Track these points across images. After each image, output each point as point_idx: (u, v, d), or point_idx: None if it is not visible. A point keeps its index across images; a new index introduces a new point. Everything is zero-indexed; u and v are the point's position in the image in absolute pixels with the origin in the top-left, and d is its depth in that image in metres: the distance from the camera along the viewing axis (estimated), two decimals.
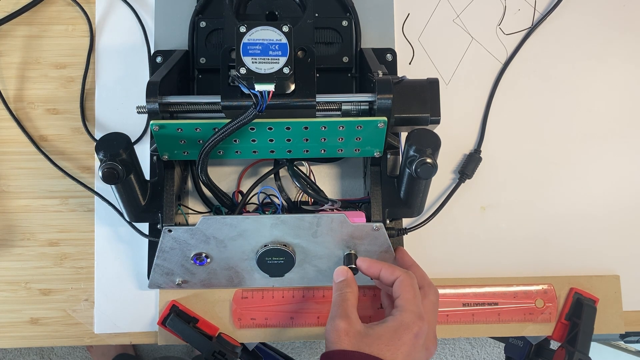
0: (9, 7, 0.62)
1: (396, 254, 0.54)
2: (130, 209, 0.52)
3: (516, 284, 0.59)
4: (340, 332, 0.45)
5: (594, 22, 0.63)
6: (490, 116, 0.62)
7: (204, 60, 0.56)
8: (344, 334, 0.45)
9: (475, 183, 0.61)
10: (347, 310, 0.47)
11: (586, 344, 0.56)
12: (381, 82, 0.48)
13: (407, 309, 0.46)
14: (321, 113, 0.50)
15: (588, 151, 0.62)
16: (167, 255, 0.52)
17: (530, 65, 0.63)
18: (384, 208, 0.53)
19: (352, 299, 0.48)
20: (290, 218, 0.50)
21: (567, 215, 0.61)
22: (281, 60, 0.45)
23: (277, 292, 0.58)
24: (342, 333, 0.45)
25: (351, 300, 0.48)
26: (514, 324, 0.59)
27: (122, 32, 0.62)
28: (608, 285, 0.60)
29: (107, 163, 0.46)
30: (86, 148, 0.61)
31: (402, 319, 0.45)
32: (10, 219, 0.60)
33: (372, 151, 0.51)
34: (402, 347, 0.44)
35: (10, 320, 0.59)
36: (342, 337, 0.45)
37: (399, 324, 0.45)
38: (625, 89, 0.63)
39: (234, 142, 0.50)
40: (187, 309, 0.57)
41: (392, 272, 0.48)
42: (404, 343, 0.44)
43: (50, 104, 0.61)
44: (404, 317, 0.45)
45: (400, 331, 0.45)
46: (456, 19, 0.63)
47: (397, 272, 0.48)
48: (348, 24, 0.57)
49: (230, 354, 0.55)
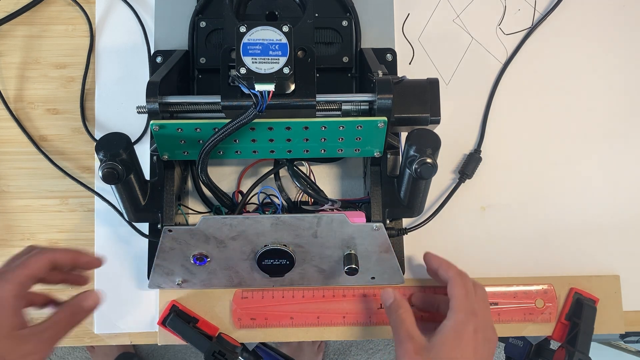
0: (9, 7, 0.62)
1: (426, 260, 0.55)
2: (130, 209, 0.52)
3: (516, 284, 0.59)
4: (410, 352, 0.47)
5: (594, 22, 0.63)
6: (490, 116, 0.62)
7: (204, 60, 0.56)
8: (414, 354, 0.47)
9: (475, 183, 0.61)
10: (409, 331, 0.49)
11: (586, 344, 0.56)
12: (381, 82, 0.48)
13: (459, 309, 0.48)
14: (321, 113, 0.50)
15: (588, 151, 0.62)
16: (167, 255, 0.52)
17: (530, 65, 0.63)
18: (384, 208, 0.53)
19: (409, 318, 0.50)
20: (290, 218, 0.50)
21: (567, 215, 0.61)
22: (281, 60, 0.45)
23: (277, 292, 0.58)
24: (412, 353, 0.47)
25: (408, 320, 0.50)
26: (514, 324, 0.59)
27: (122, 32, 0.62)
28: (608, 285, 0.60)
29: (107, 163, 0.46)
30: (86, 148, 0.61)
31: (456, 320, 0.48)
32: (10, 219, 0.60)
33: (372, 151, 0.51)
34: (467, 346, 0.46)
35: None
36: (413, 357, 0.47)
37: (455, 326, 0.47)
38: (625, 89, 0.63)
39: (234, 142, 0.50)
40: (187, 309, 0.57)
41: (447, 269, 0.52)
42: (467, 342, 0.46)
43: (50, 104, 0.61)
44: (458, 317, 0.48)
45: (460, 331, 0.47)
46: (456, 19, 0.63)
47: (450, 272, 0.51)
48: (348, 24, 0.57)
49: (230, 354, 0.55)
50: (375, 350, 1.41)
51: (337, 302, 0.58)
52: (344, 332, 0.58)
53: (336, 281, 0.56)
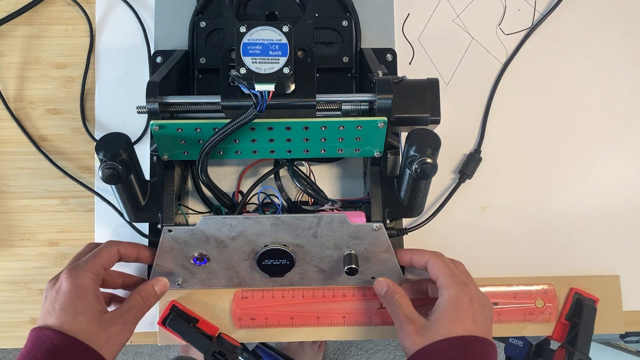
0: (9, 7, 0.62)
1: (399, 255, 0.54)
2: (130, 209, 0.52)
3: (516, 284, 0.59)
4: (411, 334, 0.48)
5: (594, 22, 0.63)
6: (490, 116, 0.62)
7: (204, 60, 0.56)
8: (415, 334, 0.48)
9: (475, 183, 0.61)
10: (406, 313, 0.50)
11: (586, 344, 0.56)
12: (381, 82, 0.48)
13: (449, 283, 0.49)
14: (321, 113, 0.50)
15: (588, 151, 0.62)
16: (167, 256, 0.52)
17: (530, 65, 0.63)
18: (384, 208, 0.53)
19: (405, 302, 0.51)
20: (290, 218, 0.50)
21: (567, 215, 0.61)
22: (281, 60, 0.45)
23: (277, 292, 0.58)
24: (413, 334, 0.48)
25: (405, 304, 0.51)
26: (514, 324, 0.59)
27: (122, 32, 0.62)
28: (608, 285, 0.60)
29: (107, 163, 0.46)
30: (86, 148, 0.61)
31: (450, 293, 0.48)
32: (10, 219, 0.60)
33: (372, 151, 0.51)
34: (466, 316, 0.47)
35: (10, 320, 0.59)
36: (415, 338, 0.48)
37: (451, 299, 0.48)
38: (625, 89, 0.63)
39: (234, 142, 0.50)
40: (187, 309, 0.57)
41: (420, 256, 0.52)
42: (465, 312, 0.47)
43: (50, 104, 0.61)
44: (451, 290, 0.48)
45: (456, 304, 0.47)
46: (456, 19, 0.63)
47: (425, 256, 0.52)
48: (348, 24, 0.57)
49: (230, 354, 0.55)
50: (375, 350, 1.41)
51: (337, 302, 0.58)
52: (344, 332, 0.58)
53: (336, 281, 0.56)
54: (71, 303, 0.46)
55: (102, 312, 0.48)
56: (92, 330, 0.46)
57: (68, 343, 0.45)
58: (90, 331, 0.46)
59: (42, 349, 0.44)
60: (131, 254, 0.52)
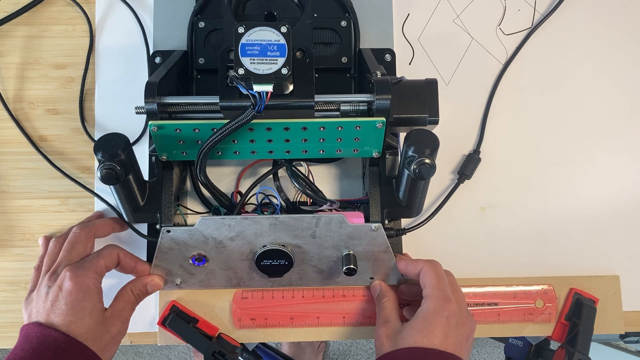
0: (9, 7, 0.62)
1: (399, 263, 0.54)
2: (129, 209, 0.52)
3: (516, 284, 0.59)
4: (381, 337, 0.50)
5: (594, 23, 0.63)
6: (490, 116, 0.61)
7: (202, 60, 0.56)
8: (385, 338, 0.50)
9: (475, 183, 0.61)
10: (386, 317, 0.52)
11: (586, 344, 0.56)
12: (380, 82, 0.48)
13: (433, 296, 0.49)
14: (320, 113, 0.50)
15: (588, 151, 0.62)
16: (165, 256, 0.52)
17: (530, 65, 0.63)
18: (383, 208, 0.52)
19: (390, 306, 0.53)
20: (289, 218, 0.50)
21: (566, 215, 0.61)
22: (279, 60, 0.45)
23: (277, 292, 0.58)
24: (383, 337, 0.50)
25: (389, 307, 0.53)
26: (514, 324, 0.59)
27: (122, 33, 0.62)
28: (608, 285, 0.59)
29: (105, 164, 0.46)
30: (85, 148, 0.61)
31: (429, 306, 0.49)
32: (10, 219, 0.60)
33: (371, 151, 0.51)
34: (436, 330, 0.47)
35: (10, 320, 0.59)
36: (384, 341, 0.49)
37: (428, 312, 0.48)
38: (625, 89, 0.62)
39: (233, 142, 0.50)
40: (187, 309, 0.57)
41: (415, 265, 0.52)
42: (437, 326, 0.47)
43: (50, 104, 0.61)
44: (431, 304, 0.49)
45: (430, 317, 0.48)
46: (456, 19, 0.63)
47: (419, 264, 0.52)
48: (347, 25, 0.57)
49: (230, 354, 0.55)
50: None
51: (337, 302, 0.58)
52: (344, 332, 0.58)
53: (335, 281, 0.56)
54: (78, 304, 0.47)
55: (104, 311, 0.49)
56: (97, 331, 0.48)
57: (75, 348, 0.46)
58: (95, 332, 0.48)
59: (50, 350, 0.45)
60: (129, 263, 0.53)
